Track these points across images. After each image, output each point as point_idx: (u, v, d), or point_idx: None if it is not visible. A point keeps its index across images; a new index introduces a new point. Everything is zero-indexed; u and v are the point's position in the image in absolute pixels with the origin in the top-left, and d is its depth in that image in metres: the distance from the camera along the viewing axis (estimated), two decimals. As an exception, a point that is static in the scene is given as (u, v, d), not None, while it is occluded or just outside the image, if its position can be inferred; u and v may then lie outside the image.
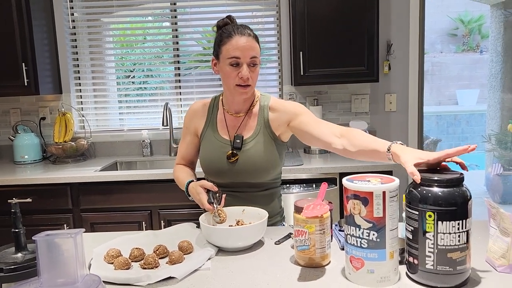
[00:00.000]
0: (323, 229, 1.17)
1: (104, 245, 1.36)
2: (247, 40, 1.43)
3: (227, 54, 1.44)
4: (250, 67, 1.44)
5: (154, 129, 3.14)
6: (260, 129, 1.54)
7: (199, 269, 1.20)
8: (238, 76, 1.44)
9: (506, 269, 1.09)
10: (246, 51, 1.42)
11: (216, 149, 1.55)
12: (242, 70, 1.43)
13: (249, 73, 1.43)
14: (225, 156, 1.52)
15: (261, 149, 1.52)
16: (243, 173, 1.52)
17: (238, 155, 1.52)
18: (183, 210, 2.50)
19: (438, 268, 1.02)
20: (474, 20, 9.19)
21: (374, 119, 3.09)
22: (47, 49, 2.95)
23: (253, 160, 1.51)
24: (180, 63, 3.20)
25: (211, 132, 1.58)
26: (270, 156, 1.53)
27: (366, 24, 2.69)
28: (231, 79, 1.46)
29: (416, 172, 1.07)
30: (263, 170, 1.53)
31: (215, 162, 1.55)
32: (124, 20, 3.21)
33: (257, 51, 1.46)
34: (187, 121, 1.65)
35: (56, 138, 2.99)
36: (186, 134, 1.66)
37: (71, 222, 2.55)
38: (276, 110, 1.55)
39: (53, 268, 0.83)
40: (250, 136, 1.54)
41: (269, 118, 1.54)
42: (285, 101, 1.61)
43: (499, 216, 1.10)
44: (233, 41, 1.43)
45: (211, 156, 1.56)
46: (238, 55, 1.42)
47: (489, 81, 4.83)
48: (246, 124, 1.56)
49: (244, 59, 1.43)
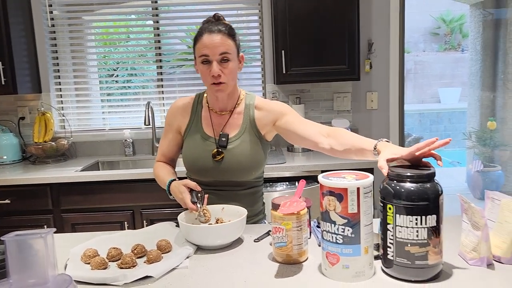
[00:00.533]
0: (300, 226, 1.18)
1: (81, 245, 1.34)
2: (215, 37, 1.42)
3: (198, 52, 1.45)
4: (222, 63, 1.43)
5: (137, 128, 3.12)
6: (246, 127, 1.54)
7: (177, 267, 1.20)
8: (210, 74, 1.44)
9: (477, 262, 1.11)
10: (214, 48, 1.42)
11: (200, 146, 1.54)
12: (212, 67, 1.43)
13: (219, 70, 1.42)
14: (210, 154, 1.52)
15: (247, 148, 1.52)
16: (228, 172, 1.52)
17: (223, 154, 1.51)
18: (165, 210, 2.49)
19: (397, 260, 1.05)
20: (455, 20, 9.34)
21: (356, 117, 3.11)
22: (25, 48, 2.90)
23: (238, 159, 1.51)
24: (163, 62, 3.18)
25: (195, 129, 1.57)
26: (255, 155, 1.53)
27: (347, 23, 2.71)
28: (206, 78, 1.46)
29: (385, 166, 1.10)
30: (248, 169, 1.53)
31: (199, 160, 1.54)
32: (106, 18, 3.17)
33: (229, 46, 1.44)
34: (170, 118, 1.63)
35: (35, 138, 2.95)
36: (168, 131, 1.64)
37: (51, 223, 2.52)
38: (262, 109, 1.55)
39: (23, 269, 0.82)
40: (235, 135, 1.53)
41: (254, 117, 1.54)
42: (270, 100, 1.61)
43: (470, 211, 1.13)
44: (203, 39, 1.43)
45: (196, 153, 1.55)
46: (206, 52, 1.42)
47: (469, 79, 4.92)
48: (231, 122, 1.55)
49: (213, 56, 1.42)
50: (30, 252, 0.81)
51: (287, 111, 1.53)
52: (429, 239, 1.03)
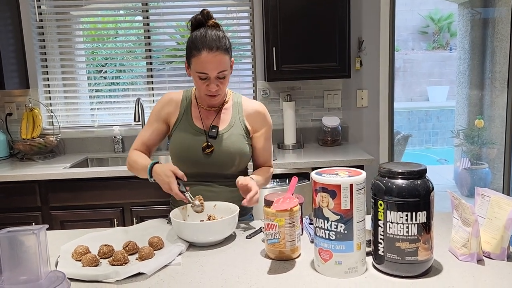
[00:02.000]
0: (292, 222, 1.18)
1: (72, 242, 1.33)
2: (214, 56, 1.42)
3: (196, 68, 1.46)
4: (219, 79, 1.47)
5: (126, 125, 3.09)
6: (235, 122, 1.59)
7: (169, 264, 1.20)
8: (207, 88, 1.47)
9: (467, 257, 1.13)
10: (213, 68, 1.44)
11: (190, 138, 1.56)
12: (210, 84, 1.46)
13: (217, 86, 1.47)
14: (200, 147, 1.54)
15: (236, 141, 1.56)
16: (216, 164, 1.54)
17: (213, 147, 1.54)
18: (155, 207, 2.47)
19: (388, 256, 1.06)
20: (443, 18, 9.43)
21: (346, 114, 3.13)
22: (12, 43, 2.85)
23: (228, 152, 1.54)
24: (153, 58, 3.16)
25: (185, 122, 1.58)
26: (243, 149, 1.58)
27: (338, 21, 2.72)
28: (201, 89, 1.50)
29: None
30: (236, 162, 1.57)
31: (189, 152, 1.55)
32: (95, 13, 3.13)
33: (226, 64, 1.46)
34: (159, 107, 1.63)
35: (23, 135, 2.91)
36: (154, 120, 1.63)
37: (40, 220, 2.48)
38: (253, 113, 1.61)
39: (16, 265, 0.81)
40: (225, 128, 1.57)
41: (244, 116, 1.60)
42: (254, 103, 1.65)
43: (461, 207, 1.14)
44: (202, 57, 1.42)
45: (186, 145, 1.55)
46: (205, 71, 1.44)
47: (458, 78, 4.97)
48: (220, 117, 1.59)
49: (212, 74, 1.45)
50: (22, 249, 0.80)
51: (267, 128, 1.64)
52: (420, 235, 1.05)
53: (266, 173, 1.66)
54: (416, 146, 7.65)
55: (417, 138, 7.71)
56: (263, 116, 1.63)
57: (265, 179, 1.63)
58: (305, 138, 3.07)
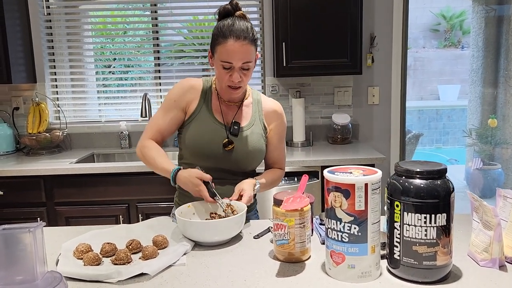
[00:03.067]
0: (303, 223, 1.13)
1: (74, 239, 1.29)
2: (241, 45, 1.38)
3: (220, 56, 1.41)
4: (243, 70, 1.43)
5: (133, 120, 3.06)
6: (255, 119, 1.56)
7: (173, 264, 1.15)
8: (230, 78, 1.42)
9: (488, 263, 1.06)
10: (239, 57, 1.39)
11: (211, 131, 1.50)
12: (233, 74, 1.41)
13: (240, 77, 1.42)
14: (221, 142, 1.49)
15: (256, 139, 1.54)
16: (235, 162, 1.50)
17: (234, 144, 1.50)
18: (161, 204, 2.43)
19: (404, 260, 1.01)
20: (456, 16, 9.28)
21: (357, 112, 3.06)
22: (20, 37, 2.83)
23: (248, 149, 1.51)
24: (161, 53, 3.11)
25: (205, 114, 1.52)
26: (262, 148, 1.56)
27: (350, 16, 2.65)
28: (223, 80, 1.45)
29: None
30: (253, 160, 1.55)
31: (208, 146, 1.48)
32: (104, 7, 3.10)
33: (251, 55, 1.41)
34: (179, 94, 1.52)
35: (30, 129, 2.88)
36: (172, 107, 1.52)
37: (44, 216, 2.46)
38: (271, 112, 1.59)
39: (11, 264, 0.76)
40: (246, 125, 1.54)
41: (263, 114, 1.57)
42: (275, 104, 1.62)
43: (482, 209, 1.08)
44: (228, 45, 1.38)
45: (205, 138, 1.49)
46: (230, 60, 1.39)
47: (470, 76, 4.87)
48: (241, 112, 1.55)
49: (236, 64, 1.40)
50: (18, 247, 0.76)
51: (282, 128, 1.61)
52: (438, 238, 0.99)
53: (274, 175, 1.61)
54: (426, 146, 7.54)
55: (427, 138, 7.60)
56: (281, 116, 1.60)
57: (271, 182, 1.58)
58: (315, 136, 3.01)
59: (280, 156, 1.63)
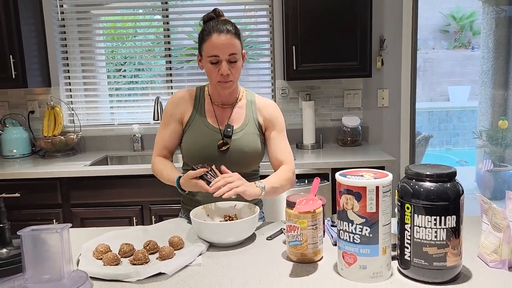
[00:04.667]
0: (315, 225, 1.16)
1: (93, 240, 1.33)
2: (225, 37, 1.44)
3: (207, 52, 1.47)
4: (230, 63, 1.48)
5: (145, 123, 3.11)
6: (249, 120, 1.59)
7: (189, 264, 1.19)
8: (219, 73, 1.47)
9: (498, 264, 1.08)
10: (224, 49, 1.45)
11: (205, 135, 1.55)
12: (221, 67, 1.47)
13: (228, 69, 1.47)
14: (216, 145, 1.54)
15: (250, 140, 1.57)
16: (231, 163, 1.52)
17: (229, 145, 1.54)
18: (174, 206, 2.47)
19: (415, 261, 1.03)
20: (466, 17, 9.22)
21: (367, 114, 3.08)
22: (35, 42, 2.90)
23: (243, 150, 1.55)
24: (172, 57, 3.16)
25: (199, 118, 1.58)
26: (257, 147, 1.58)
27: (359, 19, 2.67)
28: (213, 76, 1.50)
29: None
30: (250, 161, 1.58)
31: (204, 150, 1.54)
32: (115, 12, 3.16)
33: (236, 47, 1.47)
34: (172, 107, 1.61)
35: (45, 132, 2.95)
36: (169, 121, 1.61)
37: (60, 217, 2.52)
38: (263, 108, 1.62)
39: (39, 264, 0.80)
40: (239, 127, 1.58)
41: (257, 113, 1.61)
42: (269, 101, 1.65)
43: (491, 212, 1.10)
44: (212, 39, 1.45)
45: (201, 142, 1.55)
46: (216, 53, 1.45)
47: (481, 77, 4.85)
48: (234, 115, 1.60)
49: (223, 56, 1.46)
50: (45, 247, 0.80)
51: (278, 123, 1.62)
52: (448, 240, 1.01)
53: (281, 176, 1.54)
54: (436, 147, 7.50)
55: (437, 139, 7.56)
56: (274, 111, 1.62)
57: (280, 183, 1.51)
58: (324, 138, 3.03)
59: (282, 151, 1.60)
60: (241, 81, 3.14)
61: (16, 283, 0.81)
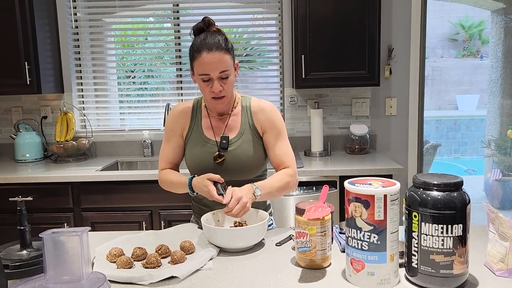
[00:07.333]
0: (324, 231, 1.18)
1: (106, 244, 1.37)
2: (214, 55, 1.43)
3: (198, 70, 1.47)
4: (222, 80, 1.47)
5: (155, 129, 3.15)
6: (245, 128, 1.58)
7: (200, 269, 1.21)
8: (211, 89, 1.47)
9: (505, 273, 1.10)
10: (215, 68, 1.44)
11: (202, 149, 1.57)
12: (213, 85, 1.46)
13: (221, 87, 1.46)
14: (212, 157, 1.55)
15: (247, 148, 1.56)
16: (230, 172, 1.54)
17: (224, 156, 1.55)
18: (183, 211, 2.51)
19: (422, 268, 1.05)
20: (474, 26, 9.21)
21: (375, 123, 3.10)
22: (49, 48, 2.96)
23: (239, 159, 1.55)
24: (182, 64, 3.21)
25: (196, 133, 1.60)
26: (256, 154, 1.57)
27: (368, 28, 2.70)
28: (206, 92, 1.50)
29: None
30: (249, 169, 1.57)
31: (202, 163, 1.56)
32: (126, 20, 3.22)
33: (227, 63, 1.46)
34: (173, 122, 1.63)
35: (57, 137, 3.00)
36: (171, 136, 1.64)
37: (71, 221, 2.56)
38: (258, 112, 1.59)
39: (59, 265, 0.84)
40: (235, 136, 1.57)
41: (253, 118, 1.59)
42: (264, 103, 1.62)
43: (498, 221, 1.12)
44: (202, 58, 1.44)
45: (198, 157, 1.57)
46: (207, 72, 1.45)
47: (489, 86, 4.85)
48: (230, 124, 1.59)
49: (214, 75, 1.45)
50: (65, 249, 0.83)
51: (275, 126, 1.58)
52: (455, 248, 1.03)
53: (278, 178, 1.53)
54: (444, 156, 7.48)
55: (445, 148, 7.54)
56: (269, 114, 1.58)
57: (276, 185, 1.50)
58: (332, 146, 3.06)
59: (282, 153, 1.58)
60: (249, 88, 3.21)
61: (37, 283, 0.84)
